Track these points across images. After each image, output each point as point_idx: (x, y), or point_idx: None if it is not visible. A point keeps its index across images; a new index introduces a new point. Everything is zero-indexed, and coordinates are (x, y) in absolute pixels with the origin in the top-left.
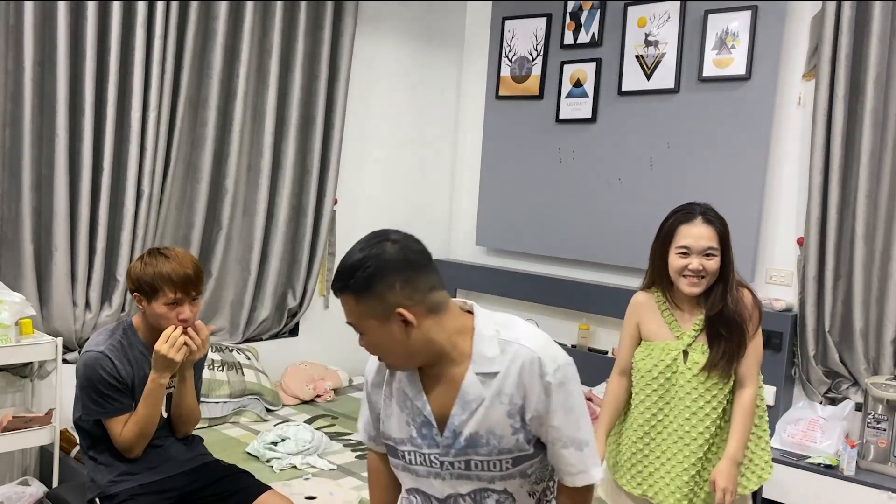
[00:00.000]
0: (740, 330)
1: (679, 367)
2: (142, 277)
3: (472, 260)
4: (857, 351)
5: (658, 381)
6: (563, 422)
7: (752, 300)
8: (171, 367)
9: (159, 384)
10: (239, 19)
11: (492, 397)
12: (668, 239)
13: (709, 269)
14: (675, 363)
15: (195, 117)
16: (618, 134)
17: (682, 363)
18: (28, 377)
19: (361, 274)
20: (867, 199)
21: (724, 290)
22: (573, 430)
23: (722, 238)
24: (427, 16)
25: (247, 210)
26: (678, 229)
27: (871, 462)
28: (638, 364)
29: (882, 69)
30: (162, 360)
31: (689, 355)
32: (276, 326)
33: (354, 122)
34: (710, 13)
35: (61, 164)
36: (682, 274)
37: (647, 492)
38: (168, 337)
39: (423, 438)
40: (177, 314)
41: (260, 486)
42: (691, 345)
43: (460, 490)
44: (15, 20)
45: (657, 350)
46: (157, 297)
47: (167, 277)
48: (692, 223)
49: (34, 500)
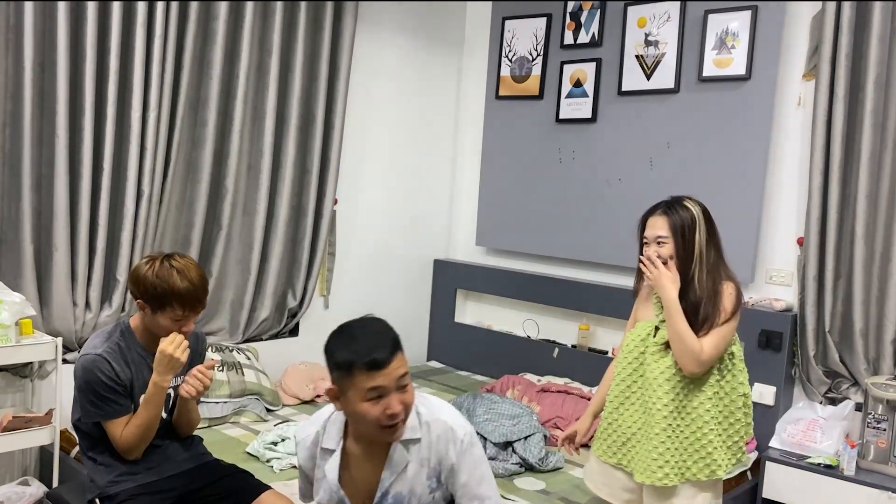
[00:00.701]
0: (705, 318)
1: (650, 341)
2: (151, 290)
3: (472, 260)
4: (857, 351)
5: (633, 355)
6: (469, 479)
7: (733, 295)
8: (176, 367)
9: (161, 387)
10: (239, 19)
11: (414, 462)
12: (640, 232)
13: (662, 255)
14: (648, 337)
15: (195, 117)
16: (618, 134)
17: (653, 337)
18: (28, 377)
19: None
20: (867, 199)
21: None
22: (475, 485)
23: (675, 227)
24: (427, 16)
25: (247, 210)
26: (645, 221)
27: (871, 462)
28: (624, 341)
29: (882, 69)
30: (168, 360)
31: (659, 331)
32: (276, 326)
33: (354, 122)
34: (710, 13)
35: (61, 164)
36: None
37: (622, 460)
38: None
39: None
40: (180, 328)
41: (260, 485)
42: (663, 321)
43: None
44: (15, 20)
45: (639, 327)
46: (164, 311)
47: (179, 295)
48: (653, 215)
49: (34, 500)
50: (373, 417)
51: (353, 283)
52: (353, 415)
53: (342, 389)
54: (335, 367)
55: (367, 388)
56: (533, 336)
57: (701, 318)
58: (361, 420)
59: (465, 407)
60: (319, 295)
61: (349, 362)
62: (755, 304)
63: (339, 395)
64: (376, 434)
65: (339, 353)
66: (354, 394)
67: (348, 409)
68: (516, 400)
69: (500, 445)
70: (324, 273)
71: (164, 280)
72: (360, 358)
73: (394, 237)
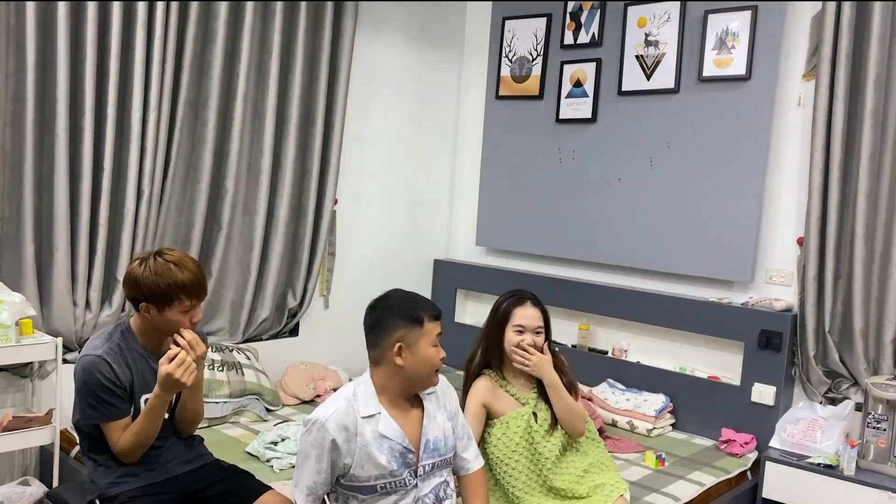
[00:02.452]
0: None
1: (534, 428)
2: (154, 289)
3: (472, 260)
4: (857, 351)
5: (521, 446)
6: (462, 417)
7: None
8: (179, 388)
9: (163, 400)
10: (239, 19)
11: (439, 409)
12: (504, 319)
13: (538, 343)
14: (530, 425)
15: (195, 117)
16: (618, 134)
17: (535, 423)
18: (28, 377)
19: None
20: (867, 199)
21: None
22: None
23: (545, 316)
24: (427, 16)
25: (247, 210)
26: (513, 311)
27: (871, 462)
28: (502, 439)
29: (882, 69)
30: (174, 383)
31: (538, 416)
32: (276, 326)
33: (354, 122)
34: (710, 13)
35: (62, 165)
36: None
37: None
38: (175, 357)
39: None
40: (190, 318)
41: (260, 486)
42: (536, 405)
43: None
44: (16, 21)
45: (513, 420)
46: (171, 306)
47: (184, 286)
48: (524, 305)
49: (34, 500)
50: (435, 360)
51: (353, 282)
52: (418, 364)
53: (410, 342)
54: (408, 321)
55: (435, 335)
56: None
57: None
58: (424, 365)
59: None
60: (319, 295)
61: (421, 316)
62: (755, 304)
63: (405, 349)
64: (427, 380)
65: (409, 310)
66: (425, 341)
67: (415, 358)
68: None
69: None
70: (324, 273)
71: (165, 275)
72: (431, 310)
73: (394, 237)
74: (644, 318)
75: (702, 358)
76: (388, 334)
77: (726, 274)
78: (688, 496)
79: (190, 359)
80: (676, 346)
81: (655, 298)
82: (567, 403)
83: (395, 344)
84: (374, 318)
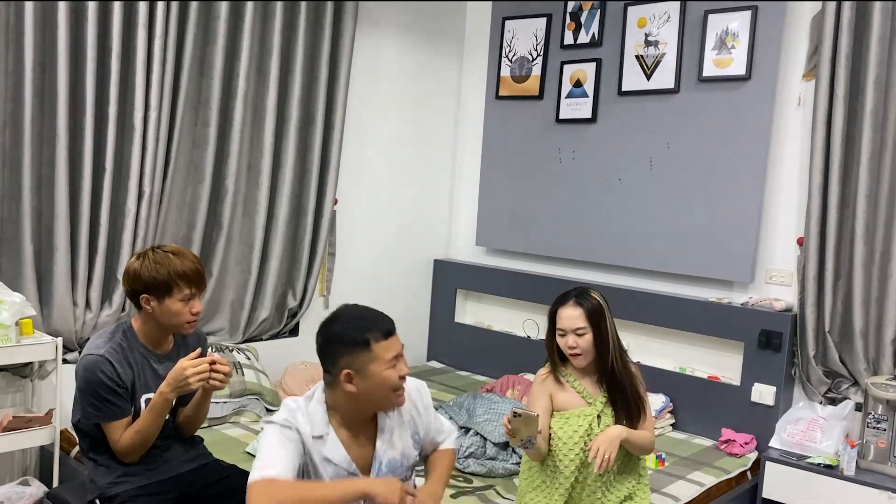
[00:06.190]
0: (638, 401)
1: (595, 431)
2: (155, 277)
3: (472, 260)
4: (857, 351)
5: (579, 446)
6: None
7: (639, 368)
8: (185, 389)
9: (167, 399)
10: (239, 19)
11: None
12: (552, 323)
13: (581, 345)
14: (591, 427)
15: (196, 117)
16: (618, 134)
17: (598, 427)
18: (28, 377)
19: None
20: (867, 199)
21: (607, 361)
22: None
23: (591, 316)
24: (427, 16)
25: (247, 210)
26: (557, 313)
27: (871, 462)
28: (558, 432)
29: (882, 69)
30: (183, 380)
31: (602, 419)
32: (276, 326)
33: (354, 122)
34: (710, 13)
35: (62, 165)
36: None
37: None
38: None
39: None
40: (190, 308)
41: None
42: (603, 409)
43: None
44: (15, 20)
45: (573, 417)
46: (171, 295)
47: (183, 274)
48: (565, 306)
49: (34, 500)
50: (392, 382)
51: (353, 283)
52: (372, 389)
53: (359, 367)
54: (352, 346)
55: (389, 357)
56: (533, 336)
57: (634, 405)
58: (380, 389)
59: (465, 407)
60: (319, 295)
61: (367, 339)
62: (755, 304)
63: (355, 375)
64: (387, 402)
65: (353, 334)
66: (377, 365)
67: (367, 384)
68: (516, 400)
69: (500, 445)
70: (324, 273)
71: (164, 264)
72: (380, 329)
73: (394, 237)
74: (644, 318)
75: (702, 358)
76: (333, 361)
77: (726, 274)
78: (688, 496)
79: (206, 368)
80: (676, 346)
81: (655, 298)
82: (641, 446)
83: (341, 371)
84: (319, 344)
